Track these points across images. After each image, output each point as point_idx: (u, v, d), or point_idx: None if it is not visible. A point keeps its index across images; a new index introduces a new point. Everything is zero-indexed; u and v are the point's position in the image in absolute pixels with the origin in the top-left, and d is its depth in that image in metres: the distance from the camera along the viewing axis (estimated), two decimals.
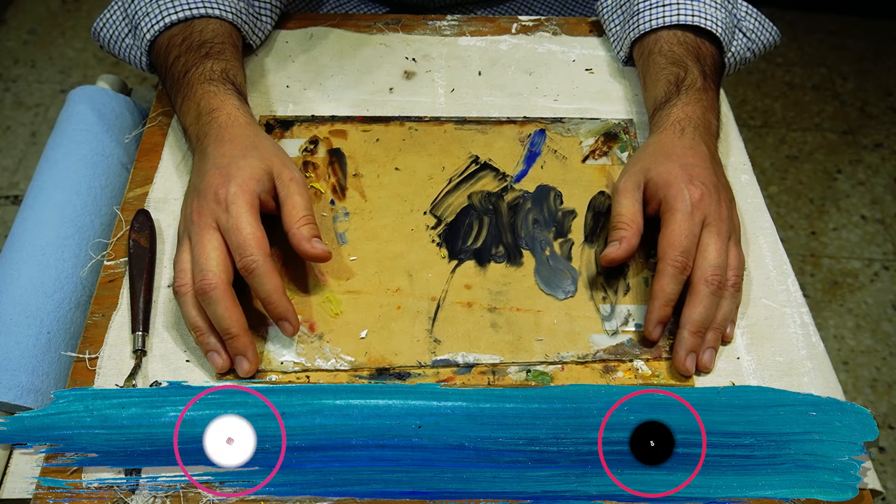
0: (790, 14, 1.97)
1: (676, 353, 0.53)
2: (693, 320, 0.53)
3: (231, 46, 0.65)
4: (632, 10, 0.70)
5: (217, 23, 0.65)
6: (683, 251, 0.53)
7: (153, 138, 0.67)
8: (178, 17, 0.64)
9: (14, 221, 0.61)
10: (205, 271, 0.51)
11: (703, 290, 0.53)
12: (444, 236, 0.61)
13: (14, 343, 0.53)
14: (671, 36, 0.67)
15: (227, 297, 0.51)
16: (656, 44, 0.67)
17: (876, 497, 0.50)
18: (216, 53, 0.63)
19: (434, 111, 0.70)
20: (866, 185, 1.63)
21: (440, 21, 0.79)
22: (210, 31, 0.64)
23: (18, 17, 1.90)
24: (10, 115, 1.68)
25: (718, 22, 0.66)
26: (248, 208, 0.52)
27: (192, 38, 0.63)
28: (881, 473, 1.24)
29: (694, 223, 0.54)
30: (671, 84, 0.63)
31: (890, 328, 1.40)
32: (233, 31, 0.67)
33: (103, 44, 0.70)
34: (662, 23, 0.67)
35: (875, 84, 1.83)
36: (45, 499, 0.47)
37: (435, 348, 0.54)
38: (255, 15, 0.71)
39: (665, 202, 0.56)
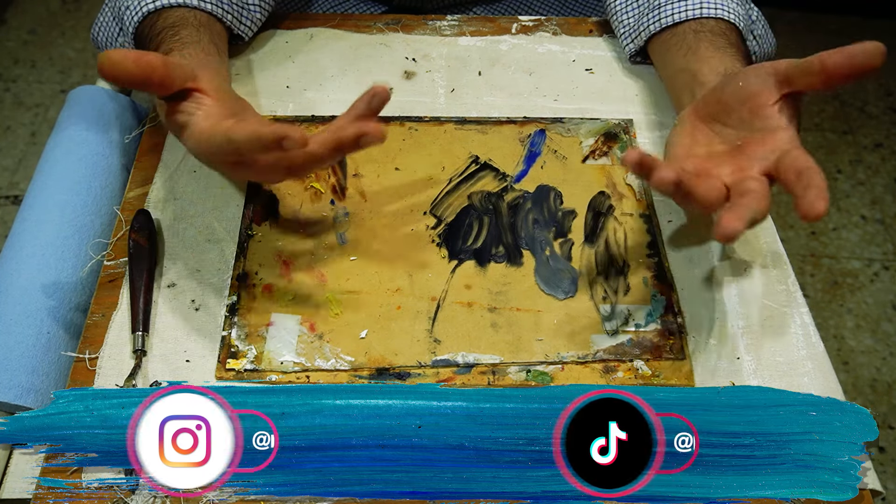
0: (790, 14, 1.97)
1: (733, 214, 0.46)
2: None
3: (209, 41, 0.63)
4: (651, 4, 0.69)
5: (193, 13, 0.64)
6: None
7: (153, 138, 0.67)
8: (154, 6, 0.63)
9: (14, 221, 0.61)
10: (218, 124, 0.50)
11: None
12: (444, 236, 0.61)
13: (14, 343, 0.53)
14: (715, 24, 0.65)
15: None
16: (702, 26, 0.65)
17: (876, 497, 0.50)
18: (193, 43, 0.61)
19: (434, 111, 0.70)
20: (866, 185, 1.63)
21: (440, 21, 0.79)
22: (190, 23, 0.63)
23: (18, 17, 1.90)
24: (10, 115, 1.68)
25: (740, 17, 0.67)
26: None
27: (171, 28, 0.62)
28: (881, 473, 1.24)
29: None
30: (740, 62, 0.61)
31: (890, 328, 1.40)
32: (213, 21, 0.66)
33: (101, 47, 0.70)
34: (687, 16, 0.66)
35: (875, 84, 1.83)
36: (45, 499, 0.47)
37: (435, 348, 0.54)
38: (241, 4, 0.70)
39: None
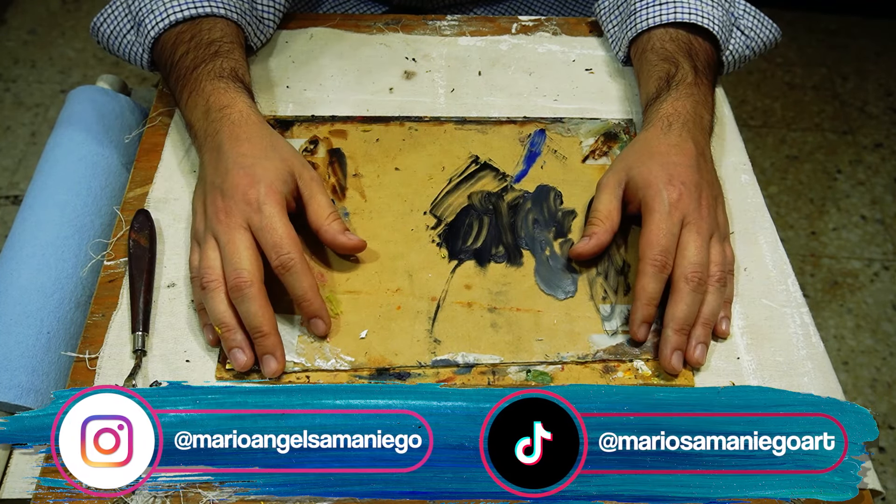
0: (790, 14, 1.97)
1: (662, 352, 0.53)
2: (676, 318, 0.53)
3: (238, 46, 0.65)
4: (629, 10, 0.70)
5: (224, 22, 0.65)
6: (662, 250, 0.54)
7: (153, 138, 0.67)
8: (184, 16, 0.64)
9: (14, 221, 0.61)
10: (240, 269, 0.51)
11: (684, 287, 0.53)
12: (444, 236, 0.61)
13: (14, 343, 0.53)
14: (663, 34, 0.67)
15: (262, 295, 0.52)
16: (649, 42, 0.67)
17: (876, 497, 0.50)
18: (225, 52, 0.63)
19: (434, 111, 0.70)
20: (866, 185, 1.63)
21: (440, 21, 0.79)
22: (219, 30, 0.64)
23: (18, 17, 1.90)
24: (10, 115, 1.68)
25: (714, 19, 0.67)
26: (280, 209, 0.54)
27: (202, 36, 0.63)
28: (881, 473, 1.24)
29: (672, 223, 0.55)
30: (661, 80, 0.64)
31: (890, 328, 1.40)
32: (238, 31, 0.67)
33: (101, 40, 0.70)
34: (658, 21, 0.67)
35: (875, 84, 1.83)
36: (45, 499, 0.47)
37: (435, 348, 0.54)
38: (258, 17, 0.71)
39: (644, 203, 0.56)
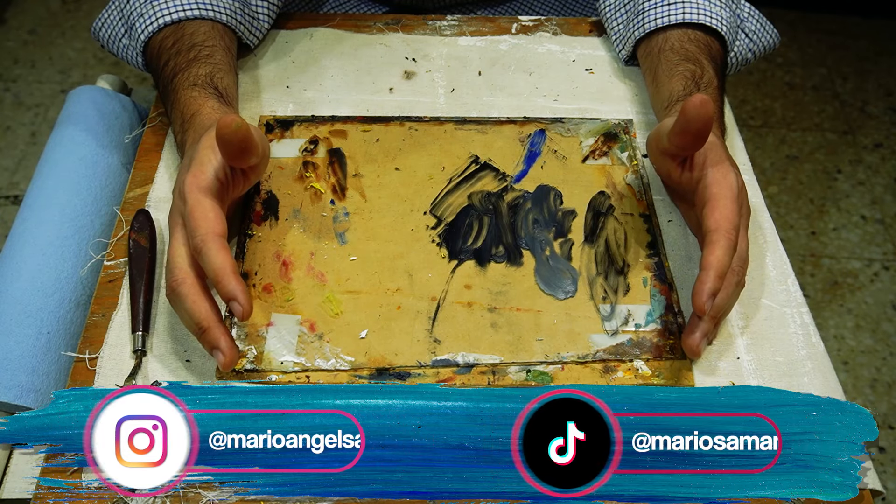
0: (790, 14, 1.97)
1: (692, 335, 0.53)
2: (716, 305, 0.52)
3: (222, 49, 0.65)
4: (636, 9, 0.70)
5: (209, 24, 0.65)
6: (736, 227, 0.52)
7: (153, 138, 0.67)
8: (170, 19, 0.64)
9: (14, 221, 0.61)
10: (171, 270, 0.50)
11: (730, 278, 0.53)
12: (444, 236, 0.61)
13: (14, 343, 0.53)
14: (682, 34, 0.67)
15: (193, 291, 0.49)
16: (666, 42, 0.67)
17: (876, 497, 0.50)
18: (204, 57, 0.63)
19: (434, 111, 0.70)
20: (866, 185, 1.63)
21: (440, 21, 0.79)
22: (202, 33, 0.64)
23: (18, 17, 1.90)
24: (10, 115, 1.68)
25: (723, 20, 0.67)
26: (200, 191, 0.51)
27: (182, 42, 0.63)
28: (881, 473, 1.24)
29: (738, 207, 0.54)
30: (689, 80, 0.63)
31: (890, 328, 1.40)
32: (226, 32, 0.67)
33: (103, 42, 0.70)
34: (668, 21, 0.67)
35: (875, 84, 1.83)
36: (45, 499, 0.47)
37: (435, 348, 0.54)
38: (252, 15, 0.71)
39: (714, 179, 0.54)
